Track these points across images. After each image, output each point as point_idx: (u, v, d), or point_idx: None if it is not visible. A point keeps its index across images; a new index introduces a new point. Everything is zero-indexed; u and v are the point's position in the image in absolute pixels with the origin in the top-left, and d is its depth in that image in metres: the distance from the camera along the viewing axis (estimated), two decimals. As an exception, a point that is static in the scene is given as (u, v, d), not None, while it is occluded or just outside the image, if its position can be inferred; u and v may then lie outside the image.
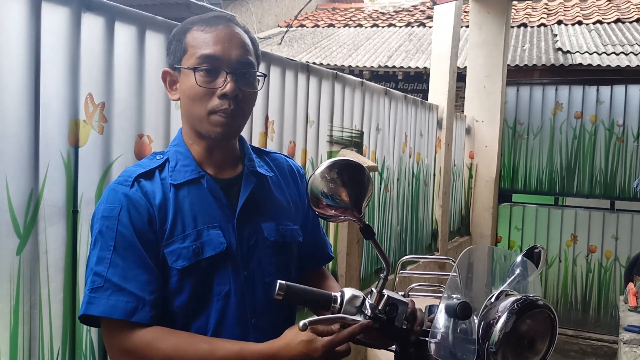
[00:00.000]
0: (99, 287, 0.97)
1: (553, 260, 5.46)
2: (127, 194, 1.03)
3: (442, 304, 1.00)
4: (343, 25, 8.92)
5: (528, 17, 7.71)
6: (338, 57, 7.12)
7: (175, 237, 1.04)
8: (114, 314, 0.96)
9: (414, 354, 1.04)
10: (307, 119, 2.40)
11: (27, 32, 1.21)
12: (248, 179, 1.13)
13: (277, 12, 9.25)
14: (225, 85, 1.04)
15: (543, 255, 1.16)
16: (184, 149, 1.11)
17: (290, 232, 1.17)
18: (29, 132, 1.22)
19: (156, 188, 1.05)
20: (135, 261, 0.99)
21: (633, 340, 2.68)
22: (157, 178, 1.07)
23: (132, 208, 1.01)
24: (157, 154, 1.13)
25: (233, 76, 1.05)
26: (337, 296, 1.00)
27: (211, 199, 1.08)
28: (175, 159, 1.10)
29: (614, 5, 7.62)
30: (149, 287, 0.99)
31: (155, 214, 1.03)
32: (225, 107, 1.05)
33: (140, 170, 1.07)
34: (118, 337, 0.99)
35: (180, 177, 1.08)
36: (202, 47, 1.05)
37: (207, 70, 1.04)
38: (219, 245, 1.05)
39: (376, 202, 3.16)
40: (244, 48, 1.08)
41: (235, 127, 1.11)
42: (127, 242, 1.00)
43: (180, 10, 5.25)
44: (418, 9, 9.26)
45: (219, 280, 1.06)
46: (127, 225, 1.00)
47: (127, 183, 1.04)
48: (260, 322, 1.10)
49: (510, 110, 5.58)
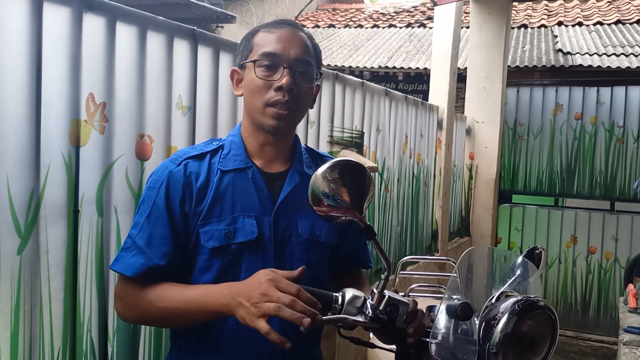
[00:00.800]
0: (128, 247, 1.10)
1: (553, 261, 5.46)
2: (172, 171, 1.12)
3: (442, 304, 1.00)
4: (343, 25, 8.92)
5: (528, 18, 7.72)
6: (338, 57, 7.12)
7: (212, 219, 1.11)
8: (127, 271, 1.08)
9: (414, 354, 1.04)
10: (307, 120, 2.40)
11: (28, 32, 1.21)
12: (293, 176, 1.19)
13: (278, 12, 9.25)
14: (281, 78, 1.12)
15: (543, 256, 1.16)
16: (238, 140, 1.19)
17: (326, 234, 1.21)
18: (30, 131, 1.22)
19: (202, 170, 1.13)
20: (162, 232, 1.09)
21: (633, 341, 2.68)
22: (207, 161, 1.15)
23: (171, 185, 1.11)
24: (214, 140, 1.22)
25: (290, 71, 1.12)
26: (338, 296, 1.00)
27: (253, 190, 1.15)
28: (229, 148, 1.18)
29: (615, 7, 7.62)
30: (166, 257, 1.09)
31: (193, 193, 1.11)
32: (279, 99, 1.11)
33: (193, 152, 1.16)
34: (125, 287, 1.11)
35: (230, 164, 1.15)
36: (266, 46, 1.14)
37: (266, 65, 1.13)
38: (250, 234, 1.12)
39: (376, 202, 3.16)
40: (303, 48, 1.16)
41: (290, 120, 1.16)
42: (159, 213, 1.10)
43: (181, 10, 5.24)
44: (418, 10, 9.26)
45: (248, 267, 1.11)
46: (163, 198, 1.10)
47: (176, 162, 1.14)
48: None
49: (510, 111, 5.59)
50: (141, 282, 1.08)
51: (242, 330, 1.08)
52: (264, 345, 1.09)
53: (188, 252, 1.13)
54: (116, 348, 1.47)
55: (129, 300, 1.10)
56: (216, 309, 1.02)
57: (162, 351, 1.60)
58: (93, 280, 1.41)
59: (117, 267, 1.10)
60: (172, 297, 1.06)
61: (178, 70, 1.61)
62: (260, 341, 1.08)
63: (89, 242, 1.39)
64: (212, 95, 1.76)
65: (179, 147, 1.61)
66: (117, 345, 1.47)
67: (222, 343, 1.11)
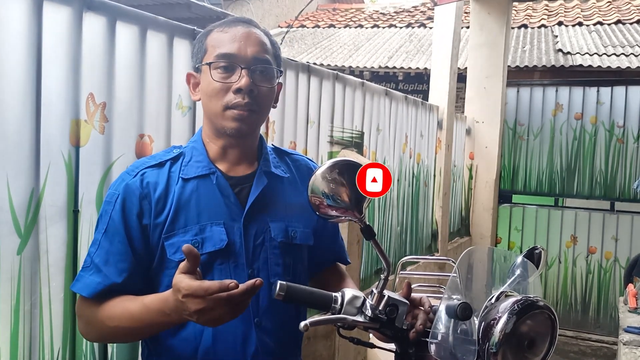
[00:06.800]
0: (87, 267, 1.06)
1: (553, 261, 5.46)
2: (128, 184, 1.08)
3: (442, 304, 1.00)
4: (343, 25, 8.92)
5: (528, 18, 7.71)
6: (338, 57, 7.12)
7: (177, 230, 1.07)
8: (84, 291, 1.05)
9: (414, 354, 1.04)
10: (307, 120, 2.40)
11: (28, 32, 1.21)
12: (260, 179, 1.14)
13: (278, 12, 9.25)
14: (240, 80, 1.07)
15: (543, 256, 1.16)
16: (200, 146, 1.15)
17: (301, 235, 1.17)
18: (30, 131, 1.22)
19: (161, 179, 1.09)
20: (119, 248, 1.05)
21: (633, 341, 2.68)
22: (166, 170, 1.11)
23: (127, 198, 1.07)
24: (175, 148, 1.18)
25: (248, 71, 1.07)
26: (338, 297, 1.00)
27: (219, 196, 1.10)
28: (190, 154, 1.14)
29: (615, 7, 7.62)
30: (124, 273, 1.05)
31: (151, 205, 1.07)
32: (239, 101, 1.07)
33: (151, 162, 1.12)
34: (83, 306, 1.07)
35: (192, 172, 1.11)
36: (220, 46, 1.09)
37: (223, 66, 1.08)
38: (219, 242, 1.07)
39: (376, 202, 3.16)
40: (260, 46, 1.11)
41: (251, 122, 1.11)
42: (115, 228, 1.06)
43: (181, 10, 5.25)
44: (419, 10, 9.26)
45: (220, 277, 1.06)
46: (119, 212, 1.06)
47: (132, 173, 1.09)
48: (264, 322, 1.10)
49: (510, 111, 5.58)
50: (97, 301, 1.05)
51: (219, 344, 1.06)
52: (242, 358, 1.07)
53: (154, 268, 1.08)
54: (116, 348, 1.47)
55: (87, 319, 1.07)
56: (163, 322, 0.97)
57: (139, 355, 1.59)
58: (93, 280, 1.41)
59: (75, 287, 1.07)
60: (120, 315, 1.02)
61: (178, 70, 1.61)
62: (237, 355, 1.07)
63: (89, 242, 1.38)
64: (212, 95, 1.76)
65: (179, 147, 1.61)
66: (117, 345, 1.47)
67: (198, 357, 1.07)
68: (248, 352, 1.08)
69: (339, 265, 1.35)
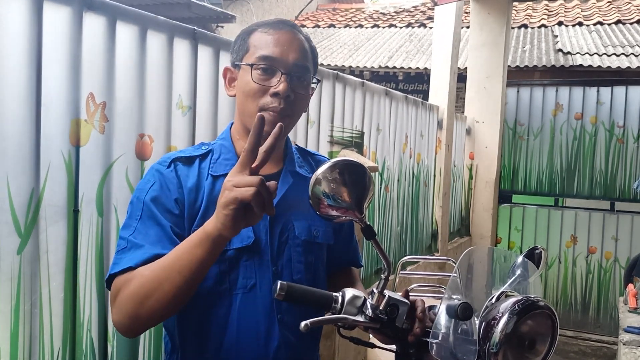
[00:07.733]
0: (123, 248, 1.02)
1: (553, 261, 5.46)
2: (162, 172, 1.08)
3: (442, 304, 1.00)
4: (344, 25, 8.92)
5: (529, 18, 7.72)
6: (339, 57, 7.12)
7: None
8: (130, 262, 0.99)
9: (414, 354, 1.04)
10: (307, 120, 2.40)
11: (28, 32, 1.21)
12: (285, 178, 1.16)
13: (278, 12, 9.25)
14: (278, 85, 1.08)
15: (544, 256, 1.16)
16: (228, 143, 1.16)
17: (323, 234, 1.19)
18: (30, 131, 1.22)
19: (191, 174, 1.10)
20: (156, 231, 1.03)
21: (633, 341, 2.68)
22: (196, 166, 1.11)
23: (163, 183, 1.07)
24: (203, 144, 1.17)
25: (287, 77, 1.09)
26: (338, 296, 1.00)
27: None
28: (219, 152, 1.14)
29: (615, 7, 7.62)
30: (165, 250, 1.00)
31: (184, 194, 1.07)
32: (275, 106, 1.08)
33: (181, 155, 1.12)
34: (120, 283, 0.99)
35: (221, 169, 1.11)
36: (263, 48, 1.10)
37: (263, 68, 1.09)
38: (246, 239, 1.08)
39: (376, 202, 3.16)
40: (302, 53, 1.12)
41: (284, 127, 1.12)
42: (151, 212, 1.04)
43: (182, 10, 5.25)
44: (419, 10, 9.27)
45: (245, 274, 1.08)
46: (155, 197, 1.05)
47: (165, 163, 1.10)
48: (287, 318, 1.11)
49: (510, 111, 5.59)
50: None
51: (242, 339, 1.07)
52: (264, 353, 1.08)
53: None
54: (116, 348, 1.47)
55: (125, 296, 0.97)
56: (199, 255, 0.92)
57: (162, 351, 1.60)
58: (93, 280, 1.41)
59: (119, 266, 0.99)
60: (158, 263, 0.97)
61: (178, 69, 1.61)
62: (260, 349, 1.08)
63: (89, 242, 1.39)
64: (213, 95, 1.76)
65: (179, 147, 1.61)
66: (117, 345, 1.47)
67: (222, 352, 1.08)
68: (271, 347, 1.09)
69: (352, 269, 1.36)
